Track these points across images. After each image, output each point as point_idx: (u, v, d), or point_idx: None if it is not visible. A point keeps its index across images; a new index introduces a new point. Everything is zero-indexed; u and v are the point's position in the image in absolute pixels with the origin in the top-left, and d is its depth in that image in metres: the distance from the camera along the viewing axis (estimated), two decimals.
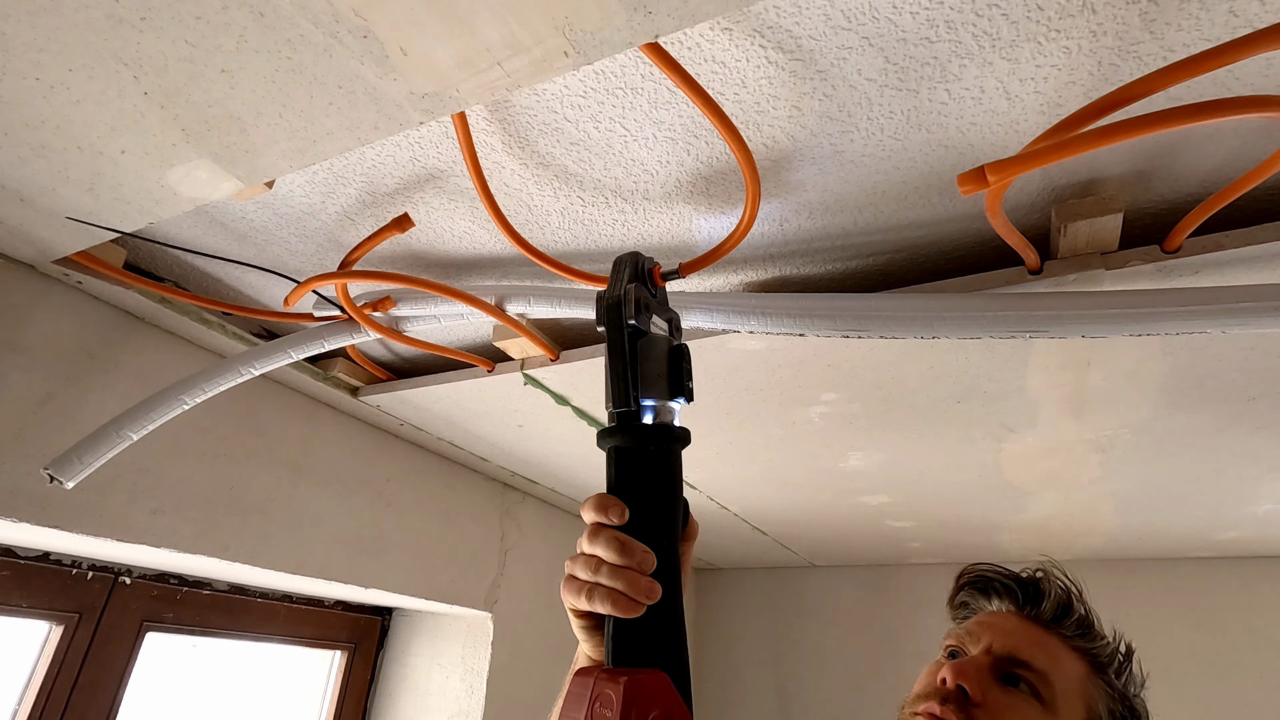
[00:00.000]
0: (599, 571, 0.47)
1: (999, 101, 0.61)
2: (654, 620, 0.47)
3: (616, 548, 0.47)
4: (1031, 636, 0.68)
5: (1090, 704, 0.65)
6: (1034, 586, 0.72)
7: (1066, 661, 0.66)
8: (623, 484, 0.50)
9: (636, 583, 0.46)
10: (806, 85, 0.61)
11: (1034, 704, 0.63)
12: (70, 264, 0.85)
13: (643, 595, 0.46)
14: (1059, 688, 0.64)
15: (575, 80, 0.62)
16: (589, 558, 0.48)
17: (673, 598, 0.48)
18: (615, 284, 0.54)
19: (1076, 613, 0.70)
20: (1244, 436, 1.08)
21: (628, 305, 0.51)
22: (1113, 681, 0.67)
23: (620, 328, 0.51)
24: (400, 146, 0.72)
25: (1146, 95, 0.45)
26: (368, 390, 1.18)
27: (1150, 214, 0.72)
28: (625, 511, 0.48)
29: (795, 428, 1.18)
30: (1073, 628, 0.69)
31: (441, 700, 1.50)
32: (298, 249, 0.89)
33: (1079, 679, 0.66)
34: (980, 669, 0.65)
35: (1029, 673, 0.64)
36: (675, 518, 0.51)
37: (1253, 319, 0.56)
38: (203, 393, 0.84)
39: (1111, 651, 0.69)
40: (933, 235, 0.79)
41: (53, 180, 0.69)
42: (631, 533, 0.47)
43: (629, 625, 0.46)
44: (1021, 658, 0.65)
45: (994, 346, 0.88)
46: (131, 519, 0.92)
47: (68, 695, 1.05)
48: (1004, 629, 0.69)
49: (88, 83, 0.57)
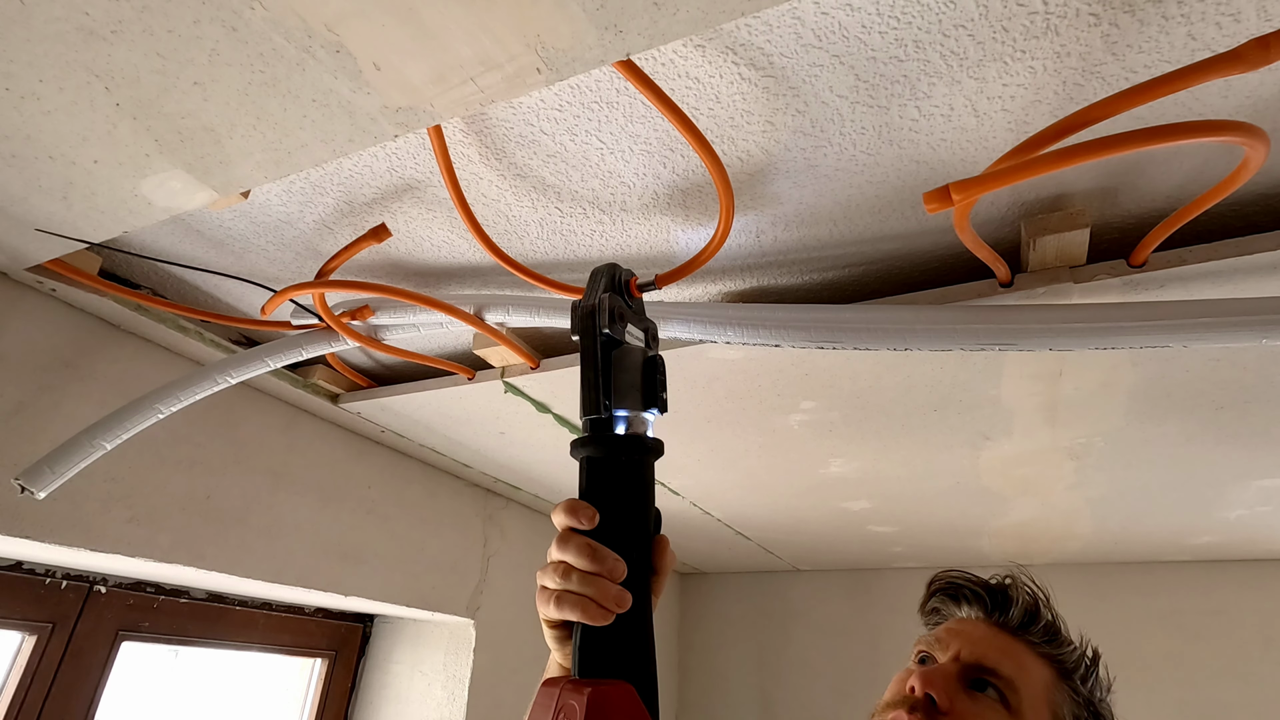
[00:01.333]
0: (568, 578, 0.47)
1: (968, 119, 0.62)
2: (623, 630, 0.47)
3: (587, 553, 0.47)
4: (999, 644, 0.69)
5: (1056, 710, 0.66)
6: (1002, 594, 0.73)
7: (1033, 668, 0.67)
8: (594, 493, 0.50)
9: (606, 590, 0.46)
10: (779, 101, 0.62)
11: (1001, 711, 0.64)
12: (44, 271, 0.84)
13: (612, 603, 0.46)
14: (1025, 694, 0.65)
15: (551, 94, 0.63)
16: (558, 564, 0.48)
17: (642, 608, 0.48)
18: (590, 293, 0.54)
19: (1043, 619, 0.70)
20: (1213, 445, 1.10)
21: (601, 314, 0.52)
22: (1078, 687, 0.68)
23: (594, 336, 0.52)
24: (378, 157, 0.72)
25: (1107, 117, 0.46)
26: (348, 398, 1.17)
27: (1117, 229, 0.74)
28: (596, 516, 0.48)
29: (776, 435, 1.19)
30: (1040, 634, 0.69)
31: (423, 708, 1.50)
32: (276, 257, 0.89)
33: (1045, 685, 0.66)
34: (948, 677, 0.66)
35: (996, 680, 0.65)
36: (646, 528, 0.51)
37: (1213, 333, 0.57)
38: (178, 401, 0.84)
39: (1078, 657, 0.70)
40: (907, 248, 0.80)
41: (24, 189, 0.68)
42: (602, 541, 0.47)
43: (597, 634, 0.46)
44: (989, 665, 0.66)
45: (968, 357, 0.89)
46: (105, 528, 0.91)
47: (41, 705, 1.03)
48: (972, 636, 0.70)
49: (58, 94, 0.56)
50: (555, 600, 0.47)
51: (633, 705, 0.44)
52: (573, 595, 0.46)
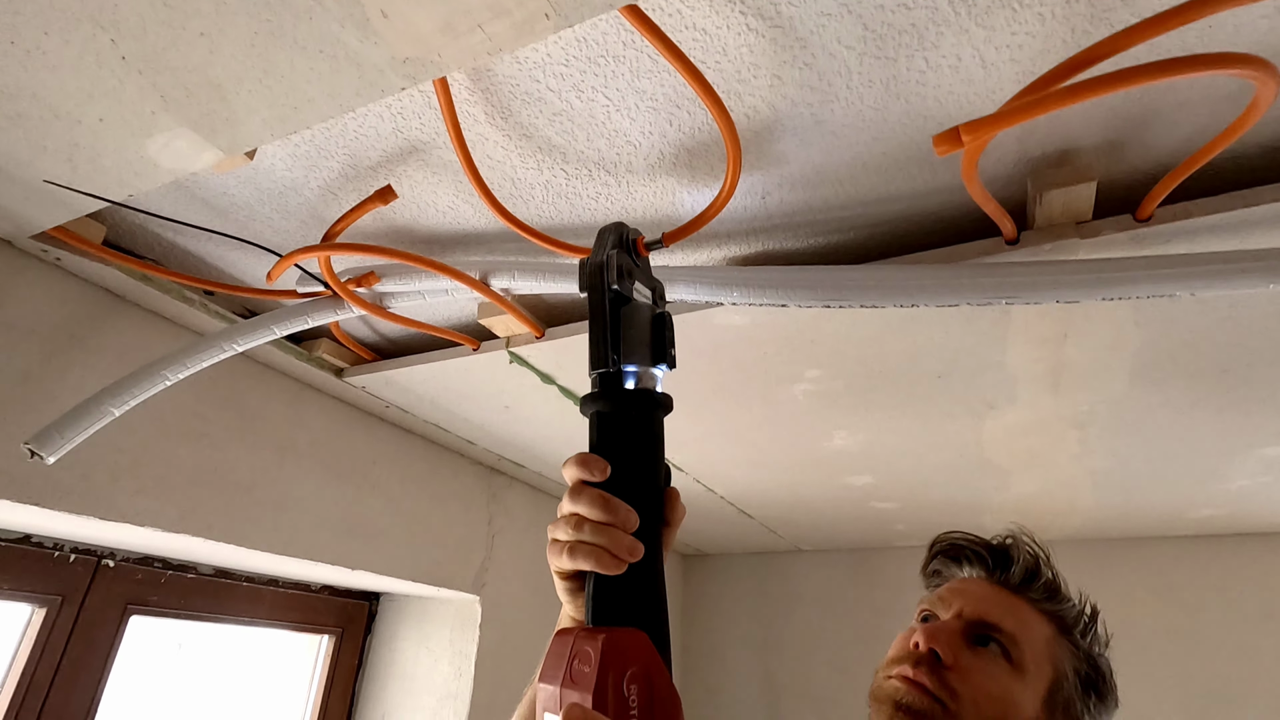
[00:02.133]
0: (581, 529, 0.47)
1: (975, 70, 0.62)
2: (635, 579, 0.47)
3: (600, 504, 0.47)
4: (1001, 600, 0.70)
5: (1057, 664, 0.67)
6: (1003, 553, 0.74)
7: (1034, 624, 0.68)
8: (605, 446, 0.50)
9: (619, 540, 0.46)
10: (787, 54, 0.62)
11: (1003, 664, 0.65)
12: (49, 240, 0.84)
13: (625, 553, 0.46)
14: (1027, 649, 0.66)
15: (557, 48, 0.63)
16: (571, 516, 0.48)
17: (654, 558, 0.48)
18: (599, 250, 0.54)
19: (1044, 577, 0.72)
20: (1216, 411, 1.11)
21: (610, 270, 0.52)
22: (1078, 642, 0.69)
23: (602, 292, 0.52)
24: (383, 118, 0.72)
25: (1116, 53, 0.46)
26: (352, 371, 1.17)
27: (1124, 184, 0.74)
28: (608, 468, 0.48)
29: (780, 407, 1.19)
30: (1040, 591, 0.71)
31: (430, 683, 1.51)
32: (280, 226, 0.89)
33: (1046, 640, 0.68)
34: (951, 633, 0.67)
35: (999, 634, 0.67)
36: (657, 480, 0.51)
37: (1219, 280, 0.57)
38: (185, 368, 0.84)
39: (1077, 613, 0.71)
40: (913, 209, 0.80)
41: (30, 151, 0.68)
42: (613, 493, 0.48)
43: (610, 583, 0.47)
44: (991, 620, 0.68)
45: (974, 320, 0.89)
46: (114, 499, 0.92)
47: (51, 677, 1.04)
48: (975, 594, 0.71)
49: (64, 47, 0.56)
50: (568, 551, 0.47)
51: (646, 650, 0.44)
52: (586, 545, 0.47)
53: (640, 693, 0.43)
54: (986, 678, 0.65)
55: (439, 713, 1.48)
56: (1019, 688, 0.65)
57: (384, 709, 1.52)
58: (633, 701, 0.42)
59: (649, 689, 0.43)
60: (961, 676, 0.64)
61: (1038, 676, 0.66)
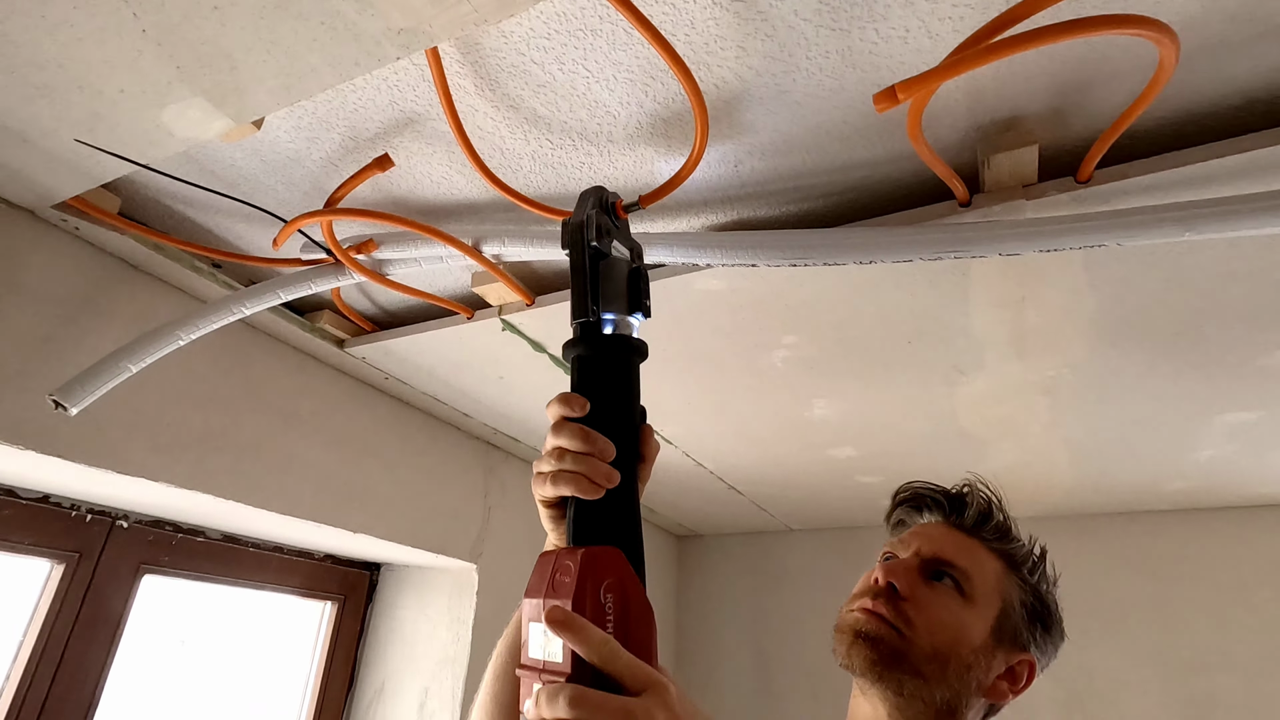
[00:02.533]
0: (563, 459, 0.52)
1: (923, 40, 0.68)
2: (612, 504, 0.51)
3: (580, 436, 0.51)
4: (956, 541, 0.76)
5: (1005, 596, 0.73)
6: (959, 498, 0.80)
7: (986, 561, 0.74)
8: (584, 386, 0.55)
9: (597, 468, 0.51)
10: (749, 26, 0.67)
11: (956, 596, 0.72)
12: (68, 209, 0.90)
13: (602, 479, 0.51)
14: (978, 583, 0.72)
15: (540, 22, 0.68)
16: (554, 449, 0.53)
17: (629, 485, 0.53)
18: (580, 211, 0.59)
19: (995, 519, 0.78)
20: (1175, 374, 1.16)
21: (589, 229, 0.56)
22: (1026, 578, 0.75)
23: (583, 248, 0.56)
24: (379, 90, 0.77)
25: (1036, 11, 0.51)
26: (353, 342, 1.23)
27: (1068, 150, 0.79)
28: (587, 405, 0.53)
29: (761, 375, 1.25)
30: (992, 532, 0.77)
31: (429, 648, 1.57)
32: (284, 196, 0.94)
33: (996, 576, 0.74)
34: (909, 569, 0.73)
35: (952, 570, 0.73)
36: (632, 417, 0.56)
37: (1141, 230, 0.63)
38: (197, 329, 0.90)
39: (1026, 553, 0.77)
40: (876, 175, 0.86)
41: (55, 121, 0.74)
42: (592, 427, 0.52)
43: (589, 507, 0.51)
44: (945, 558, 0.74)
45: (937, 283, 0.95)
46: (130, 454, 0.97)
47: (70, 629, 1.10)
48: (932, 536, 0.77)
49: (89, 20, 0.62)
50: (552, 479, 0.52)
51: (622, 565, 0.49)
52: (567, 474, 0.51)
53: (616, 601, 0.47)
54: (939, 608, 0.71)
55: (438, 676, 1.54)
56: (969, 617, 0.71)
57: (385, 672, 1.58)
58: (609, 608, 0.47)
59: (624, 598, 0.48)
60: (916, 607, 0.70)
61: (987, 607, 0.72)
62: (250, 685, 1.45)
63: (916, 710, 0.69)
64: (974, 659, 0.69)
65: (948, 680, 0.69)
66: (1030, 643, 0.73)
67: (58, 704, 1.07)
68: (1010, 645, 0.72)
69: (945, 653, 0.69)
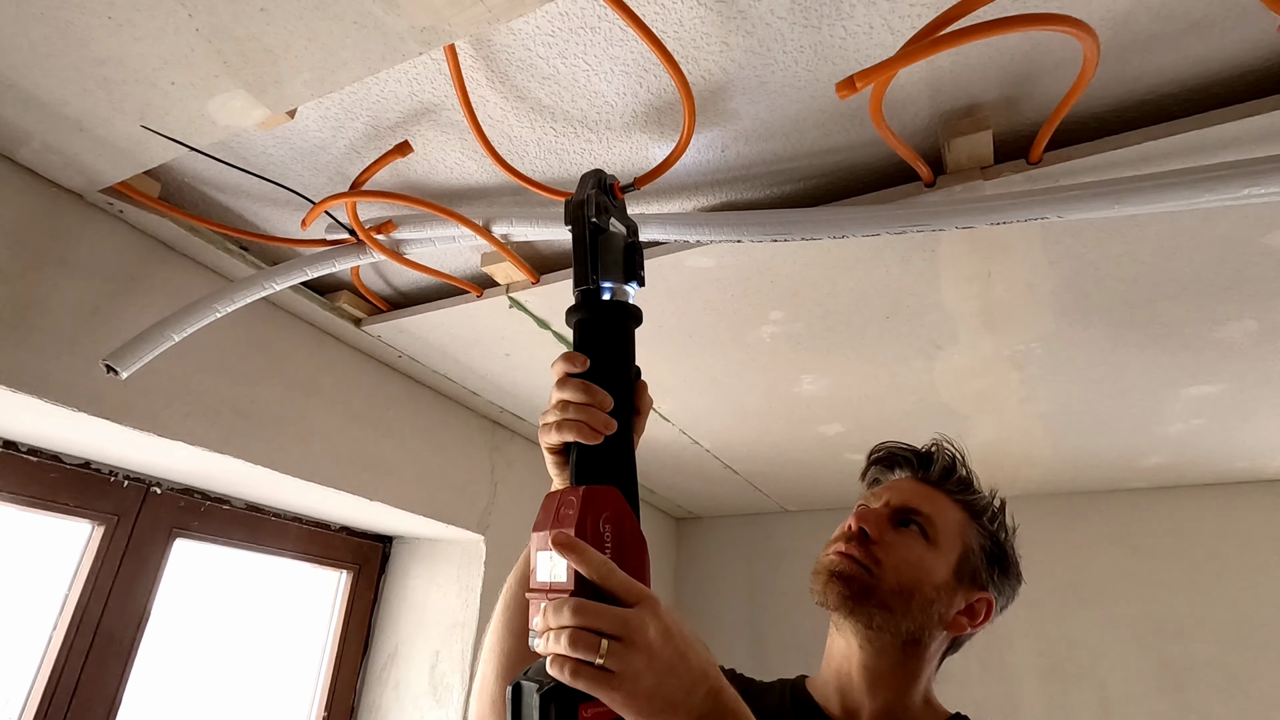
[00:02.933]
0: (566, 410, 0.58)
1: (885, 36, 0.76)
2: (610, 449, 0.57)
3: (581, 389, 0.58)
4: (922, 492, 0.84)
5: (966, 541, 0.81)
6: (927, 455, 0.89)
7: (949, 509, 0.82)
8: (585, 346, 0.62)
9: (596, 416, 0.57)
10: (730, 24, 0.75)
11: (921, 540, 0.80)
12: (113, 193, 0.99)
13: (601, 426, 0.57)
14: (942, 529, 0.80)
15: (544, 20, 0.77)
16: (558, 401, 0.60)
17: (625, 433, 0.59)
18: (580, 191, 0.65)
19: (959, 473, 0.86)
20: (1137, 349, 1.24)
21: (589, 206, 0.63)
22: (986, 526, 0.83)
23: (583, 224, 0.63)
24: (400, 82, 0.86)
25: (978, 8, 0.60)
26: (369, 321, 1.32)
27: (1024, 134, 0.88)
28: (587, 361, 0.60)
29: (750, 350, 1.33)
30: (955, 485, 0.85)
31: (440, 614, 1.65)
32: (310, 181, 1.03)
33: (958, 523, 0.82)
34: (879, 516, 0.82)
35: (918, 517, 0.81)
36: (628, 373, 0.63)
37: (1077, 203, 0.71)
38: (231, 303, 0.98)
39: (986, 504, 0.85)
40: (850, 159, 0.94)
41: (110, 111, 0.83)
42: (592, 381, 0.59)
43: (590, 452, 0.57)
44: (912, 506, 0.82)
45: (909, 260, 1.03)
46: (169, 419, 1.06)
47: (110, 585, 1.19)
48: (901, 488, 0.85)
49: (149, 20, 0.70)
50: (556, 428, 0.58)
51: (619, 501, 0.55)
52: (570, 422, 0.58)
53: (613, 531, 0.54)
54: (905, 549, 0.79)
55: (448, 640, 1.63)
56: (932, 558, 0.79)
57: (398, 637, 1.67)
58: (607, 538, 0.53)
59: (620, 529, 0.54)
60: (885, 549, 0.79)
61: (949, 550, 0.80)
62: (273, 648, 1.54)
63: (885, 641, 0.78)
64: (936, 595, 0.78)
65: (912, 613, 0.77)
66: (989, 583, 0.81)
67: (101, 650, 1.16)
68: (970, 584, 0.80)
69: (910, 589, 0.77)
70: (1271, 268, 1.00)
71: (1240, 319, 1.14)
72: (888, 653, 0.78)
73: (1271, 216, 0.91)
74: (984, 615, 0.80)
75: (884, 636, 0.78)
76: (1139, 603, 1.99)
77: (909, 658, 0.78)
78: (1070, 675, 1.99)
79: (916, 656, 0.78)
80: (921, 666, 0.79)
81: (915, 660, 0.78)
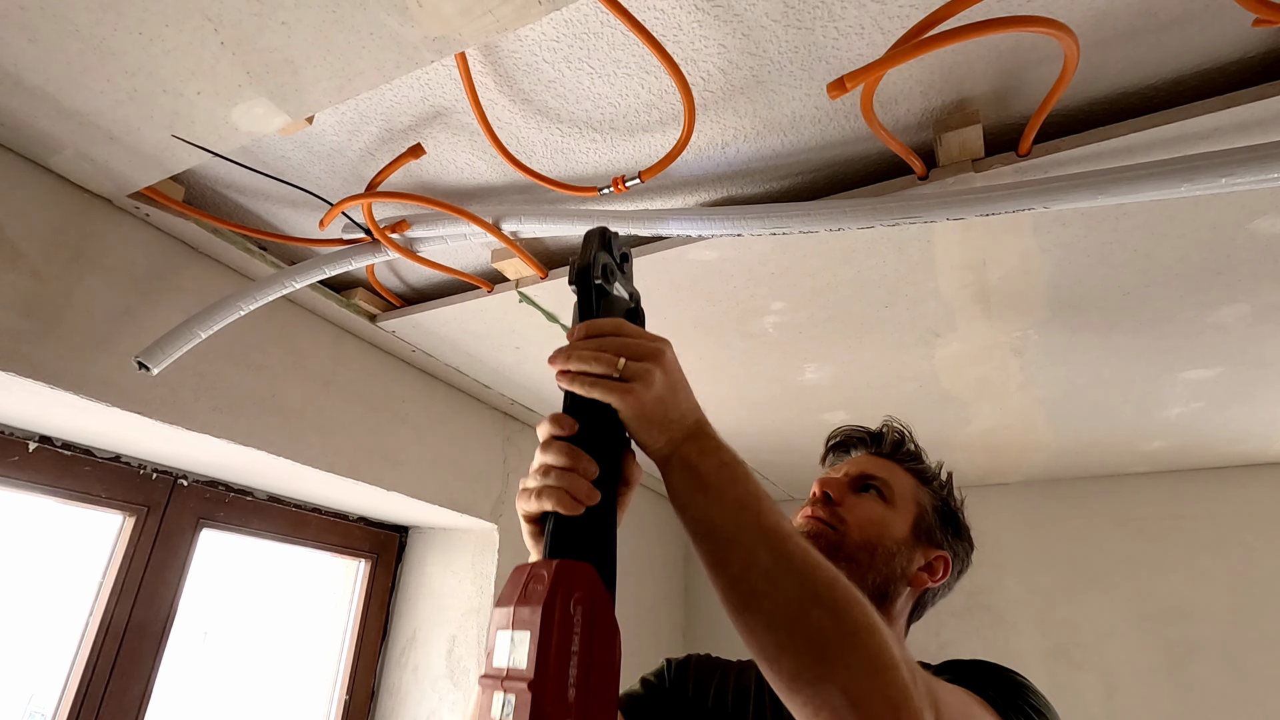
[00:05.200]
0: (548, 475, 0.53)
1: (876, 36, 0.79)
2: (590, 522, 0.52)
3: (565, 453, 0.53)
4: (876, 462, 0.91)
5: (920, 503, 0.87)
6: (878, 433, 0.95)
7: (902, 476, 0.89)
8: (574, 408, 0.56)
9: (578, 485, 0.52)
10: (727, 27, 0.79)
11: (879, 500, 0.86)
12: (140, 198, 1.03)
13: (583, 496, 0.52)
14: (897, 491, 0.87)
15: (550, 27, 0.80)
16: (541, 466, 0.54)
17: (609, 505, 0.54)
18: (585, 252, 0.63)
19: (907, 446, 0.93)
20: (1132, 334, 1.27)
21: (595, 268, 0.61)
22: (937, 491, 0.90)
23: (588, 287, 0.61)
24: (413, 88, 0.90)
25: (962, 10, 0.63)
26: (384, 316, 1.36)
27: (1013, 127, 0.91)
28: (575, 424, 0.55)
29: (754, 340, 1.37)
30: (905, 456, 0.92)
31: (455, 600, 1.71)
32: (327, 184, 1.07)
33: (912, 487, 0.88)
34: (839, 481, 0.88)
35: (875, 481, 0.87)
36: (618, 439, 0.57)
37: (1060, 195, 0.74)
38: (254, 301, 1.03)
39: (934, 473, 0.92)
40: (846, 154, 0.97)
41: (139, 120, 0.87)
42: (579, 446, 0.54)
43: (568, 523, 0.51)
44: (869, 473, 0.88)
45: (905, 250, 1.07)
46: (195, 413, 1.11)
47: (142, 573, 1.24)
48: (856, 461, 0.92)
49: (178, 35, 0.74)
50: (536, 495, 0.53)
51: (594, 581, 0.49)
52: (550, 489, 0.52)
53: (584, 615, 0.47)
54: (866, 508, 0.85)
55: (464, 625, 1.68)
56: (891, 515, 0.85)
57: (416, 622, 1.72)
58: (577, 622, 0.46)
59: (592, 614, 0.47)
60: (848, 508, 0.85)
61: (905, 510, 0.86)
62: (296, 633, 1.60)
63: None
64: (897, 549, 0.83)
65: (876, 566, 0.81)
66: (944, 542, 0.87)
67: (134, 634, 1.21)
68: (927, 543, 0.86)
69: (873, 542, 0.82)
70: (1259, 252, 1.02)
71: (1232, 303, 1.16)
72: None
73: (1257, 203, 0.93)
74: (942, 572, 0.86)
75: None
76: (1141, 585, 2.02)
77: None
78: (1074, 657, 2.03)
79: (885, 613, 0.82)
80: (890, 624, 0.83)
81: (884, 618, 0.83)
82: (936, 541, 0.86)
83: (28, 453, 1.14)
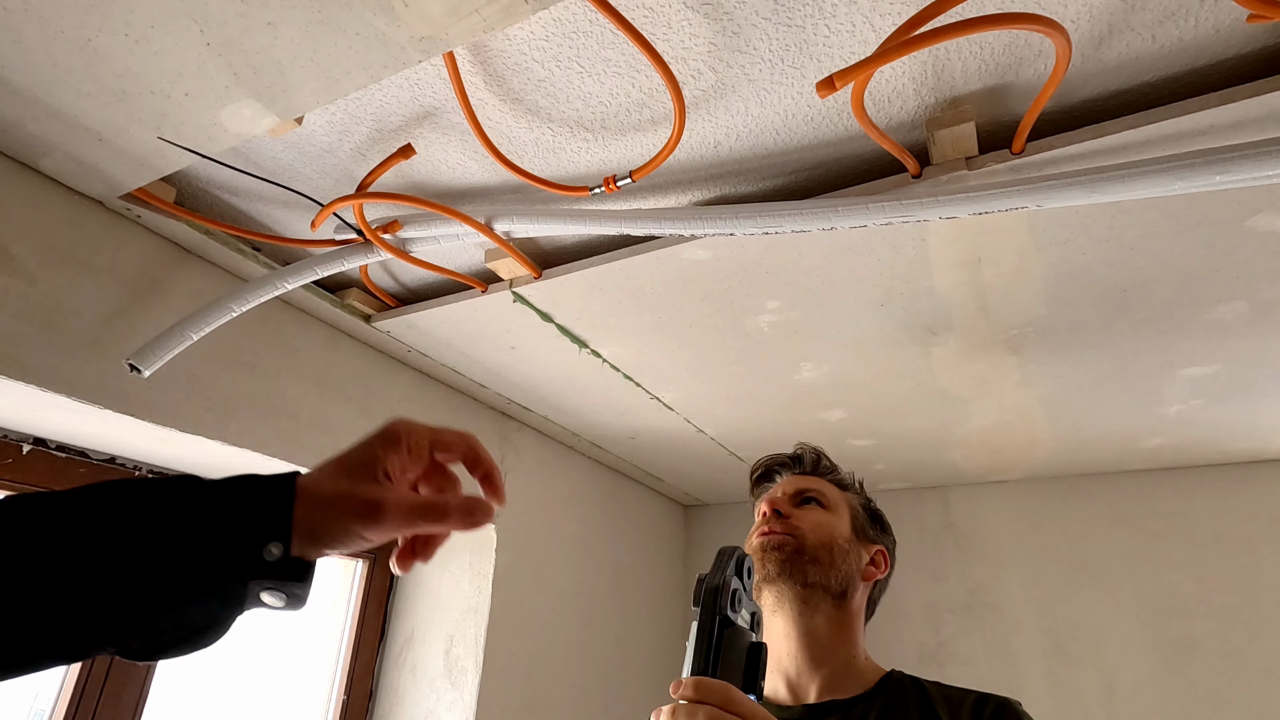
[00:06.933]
0: None
1: (868, 33, 0.78)
2: None
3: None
4: (805, 480, 1.00)
5: (851, 505, 0.98)
6: (797, 456, 1.04)
7: (829, 486, 0.99)
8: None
9: None
10: (717, 25, 0.78)
11: (821, 509, 0.95)
12: (131, 199, 1.03)
13: None
14: (831, 498, 0.97)
15: (538, 27, 0.80)
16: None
17: None
18: (717, 572, 0.60)
19: (824, 462, 1.04)
20: (1130, 332, 1.26)
21: (724, 595, 0.58)
22: (859, 493, 1.02)
23: (714, 613, 0.58)
24: (402, 88, 0.89)
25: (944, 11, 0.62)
26: (379, 317, 1.36)
27: (1007, 125, 0.90)
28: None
29: (750, 339, 1.36)
30: (825, 470, 1.03)
31: (453, 599, 1.71)
32: (318, 185, 1.07)
33: (839, 495, 0.99)
34: (783, 496, 0.97)
35: (812, 494, 0.97)
36: None
37: (1052, 193, 0.73)
38: (246, 302, 1.03)
39: (851, 481, 1.03)
40: (839, 152, 0.97)
41: (127, 121, 0.87)
42: None
43: None
44: (804, 488, 0.98)
45: (899, 248, 1.06)
46: (189, 414, 1.11)
47: None
48: (788, 481, 1.01)
49: (164, 36, 0.74)
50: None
51: None
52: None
53: None
54: (814, 516, 0.94)
55: (462, 624, 1.68)
56: (834, 519, 0.94)
57: (414, 622, 1.72)
58: None
59: None
60: (797, 518, 0.93)
61: (842, 513, 0.96)
62: (293, 634, 1.60)
63: (819, 597, 0.89)
64: (848, 547, 0.92)
65: (836, 564, 0.90)
66: (878, 537, 0.98)
67: None
68: (865, 539, 0.96)
69: (828, 543, 0.91)
70: (1256, 250, 1.02)
71: (1230, 300, 1.15)
72: (824, 610, 0.88)
73: (1254, 200, 0.93)
74: (884, 565, 0.96)
75: (818, 592, 0.89)
76: (1142, 582, 2.01)
77: (841, 612, 0.89)
78: (1074, 655, 2.02)
79: (847, 610, 0.90)
80: (852, 620, 0.90)
81: (847, 615, 0.90)
82: (871, 538, 0.96)
83: (22, 455, 1.14)
